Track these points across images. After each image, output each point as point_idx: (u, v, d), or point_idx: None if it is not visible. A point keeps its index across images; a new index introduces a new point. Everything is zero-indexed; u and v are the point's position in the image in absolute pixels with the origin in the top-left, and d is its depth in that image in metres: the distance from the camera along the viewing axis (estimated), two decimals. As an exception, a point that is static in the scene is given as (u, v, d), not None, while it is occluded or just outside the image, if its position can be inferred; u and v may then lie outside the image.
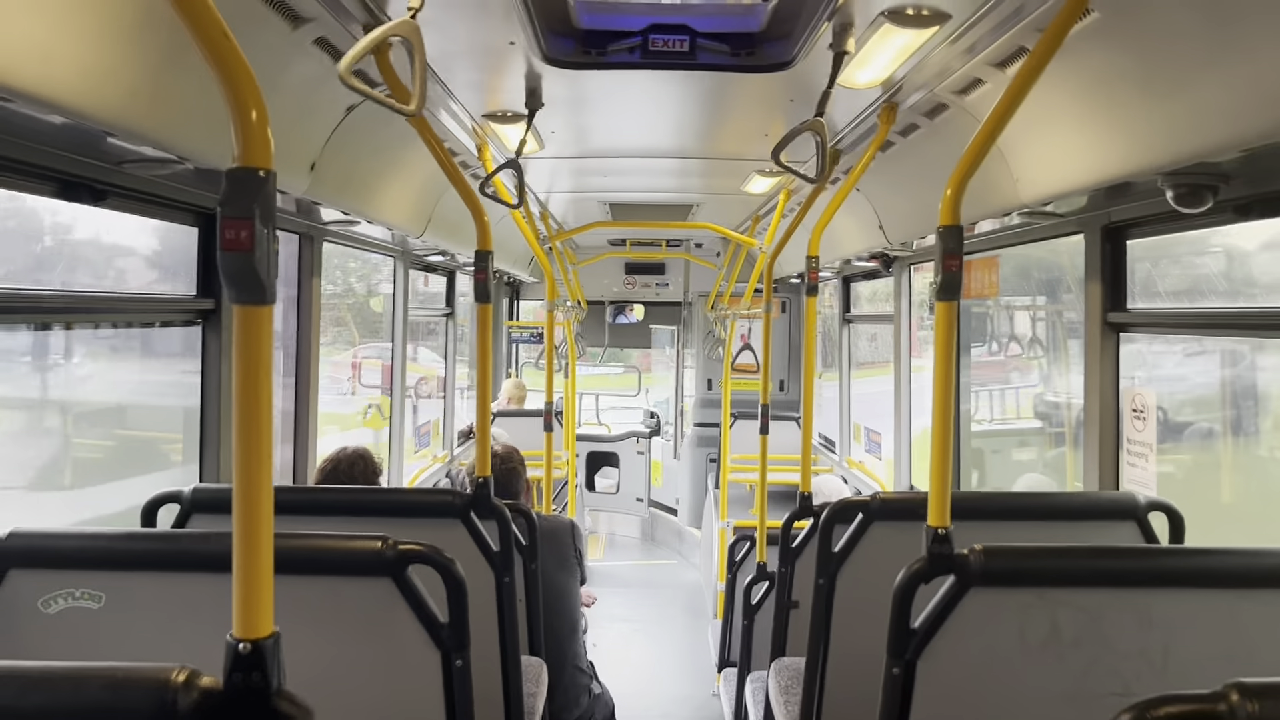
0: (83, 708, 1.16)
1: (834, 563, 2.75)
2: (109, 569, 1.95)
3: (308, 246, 4.43)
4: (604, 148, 4.77)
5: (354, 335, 8.88)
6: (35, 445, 3.63)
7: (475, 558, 2.66)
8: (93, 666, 1.18)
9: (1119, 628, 1.85)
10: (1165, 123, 2.37)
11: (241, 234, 1.15)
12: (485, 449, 2.87)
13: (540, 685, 3.13)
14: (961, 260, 1.92)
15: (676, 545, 10.42)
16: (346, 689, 1.98)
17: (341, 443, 3.59)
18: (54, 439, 3.72)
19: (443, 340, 7.67)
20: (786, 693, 3.19)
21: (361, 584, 1.96)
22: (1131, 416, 3.33)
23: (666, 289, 10.56)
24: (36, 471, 3.58)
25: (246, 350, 1.20)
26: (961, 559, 1.86)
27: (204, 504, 2.60)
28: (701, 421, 10.10)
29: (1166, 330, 3.55)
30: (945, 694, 1.89)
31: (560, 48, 2.95)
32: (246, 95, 1.18)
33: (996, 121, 1.93)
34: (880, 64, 2.93)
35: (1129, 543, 2.60)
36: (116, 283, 3.75)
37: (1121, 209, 3.29)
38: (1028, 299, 5.83)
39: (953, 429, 2.05)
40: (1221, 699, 1.09)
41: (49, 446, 3.69)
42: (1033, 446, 6.10)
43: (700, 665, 6.87)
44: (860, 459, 7.49)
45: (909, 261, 5.87)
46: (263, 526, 1.21)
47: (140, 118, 2.22)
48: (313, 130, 3.26)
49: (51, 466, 3.66)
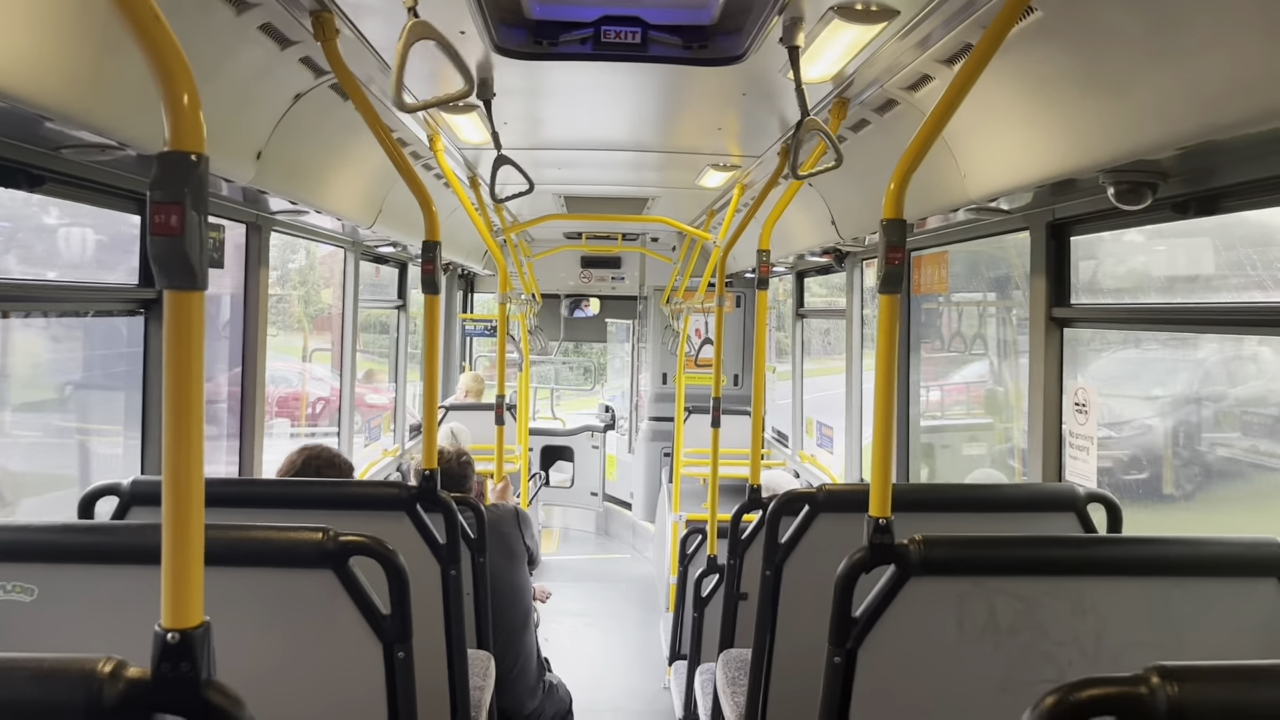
0: (9, 699, 1.13)
1: (780, 554, 2.77)
2: (42, 561, 1.91)
3: (255, 236, 4.36)
4: (558, 139, 4.75)
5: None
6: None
7: (422, 551, 2.65)
8: (17, 657, 1.15)
9: (1054, 615, 1.89)
10: (1106, 121, 2.42)
11: (172, 218, 1.13)
12: (432, 442, 2.85)
13: (488, 678, 3.12)
14: (904, 253, 1.95)
15: (630, 539, 10.44)
16: (287, 681, 1.96)
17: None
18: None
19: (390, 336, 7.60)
20: (734, 684, 3.21)
21: (303, 576, 1.93)
22: (1074, 410, 3.39)
23: (622, 283, 10.55)
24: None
25: (177, 336, 1.18)
26: (901, 549, 1.89)
27: (143, 497, 2.55)
28: (656, 415, 10.13)
29: (1108, 325, 3.63)
30: (885, 682, 1.92)
31: (511, 38, 2.93)
32: (178, 77, 1.15)
33: (940, 115, 1.95)
34: (830, 59, 2.95)
35: (1068, 533, 2.65)
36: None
37: (1066, 205, 3.35)
38: (979, 295, 5.91)
39: (894, 421, 2.08)
40: (1143, 682, 1.12)
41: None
42: (983, 442, 6.20)
43: (652, 658, 6.89)
44: (813, 453, 7.55)
45: (861, 257, 5.93)
46: (192, 513, 1.19)
47: (79, 102, 2.17)
48: (259, 118, 3.21)
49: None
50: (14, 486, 3.65)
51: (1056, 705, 1.15)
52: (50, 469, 4.00)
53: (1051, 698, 1.16)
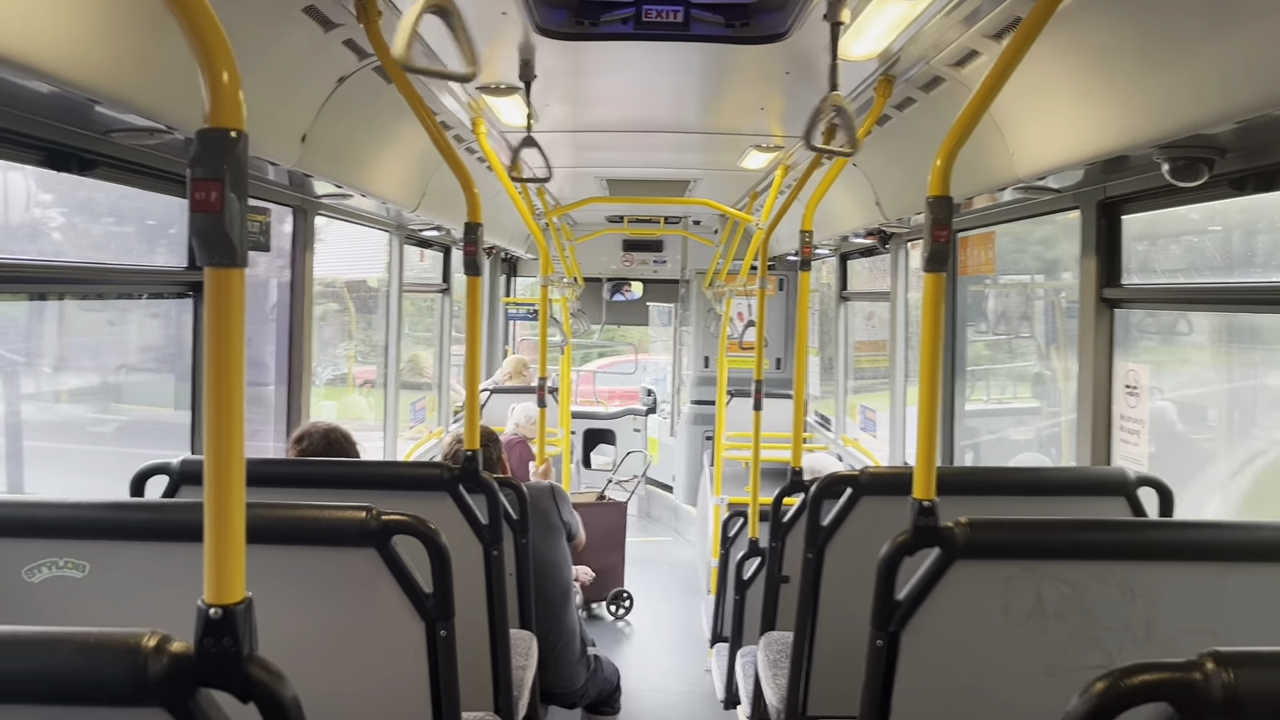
0: (55, 672, 1.16)
1: (822, 536, 2.75)
2: (93, 538, 1.95)
3: (301, 219, 4.41)
4: (600, 121, 4.73)
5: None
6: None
7: (465, 531, 2.67)
8: (66, 631, 1.17)
9: (1103, 600, 1.85)
10: (1162, 95, 2.35)
11: (211, 195, 1.13)
12: (474, 423, 2.87)
13: (530, 658, 3.14)
14: (950, 231, 1.91)
15: (672, 522, 10.44)
16: (330, 657, 1.99)
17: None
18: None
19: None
20: (775, 666, 3.20)
21: (346, 554, 1.95)
22: (1125, 393, 3.32)
23: (664, 266, 10.53)
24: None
25: (217, 313, 1.18)
26: (946, 531, 1.86)
27: (192, 476, 2.59)
28: (698, 399, 10.10)
29: (1161, 306, 3.54)
30: (929, 665, 1.89)
31: (553, 18, 2.92)
32: (217, 54, 1.16)
33: (988, 91, 1.91)
34: (875, 35, 2.90)
35: (1117, 517, 2.60)
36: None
37: (1117, 183, 3.27)
38: (1026, 277, 5.80)
39: (939, 402, 2.04)
40: (1197, 668, 1.08)
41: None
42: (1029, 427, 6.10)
43: (693, 641, 6.90)
44: (855, 437, 7.49)
45: (906, 238, 5.85)
46: (234, 488, 1.20)
47: (128, 86, 2.20)
48: (303, 101, 3.23)
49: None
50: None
51: (1107, 691, 1.13)
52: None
53: (1101, 683, 1.13)
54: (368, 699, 2.02)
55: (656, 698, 6.02)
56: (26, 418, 3.48)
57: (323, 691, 1.68)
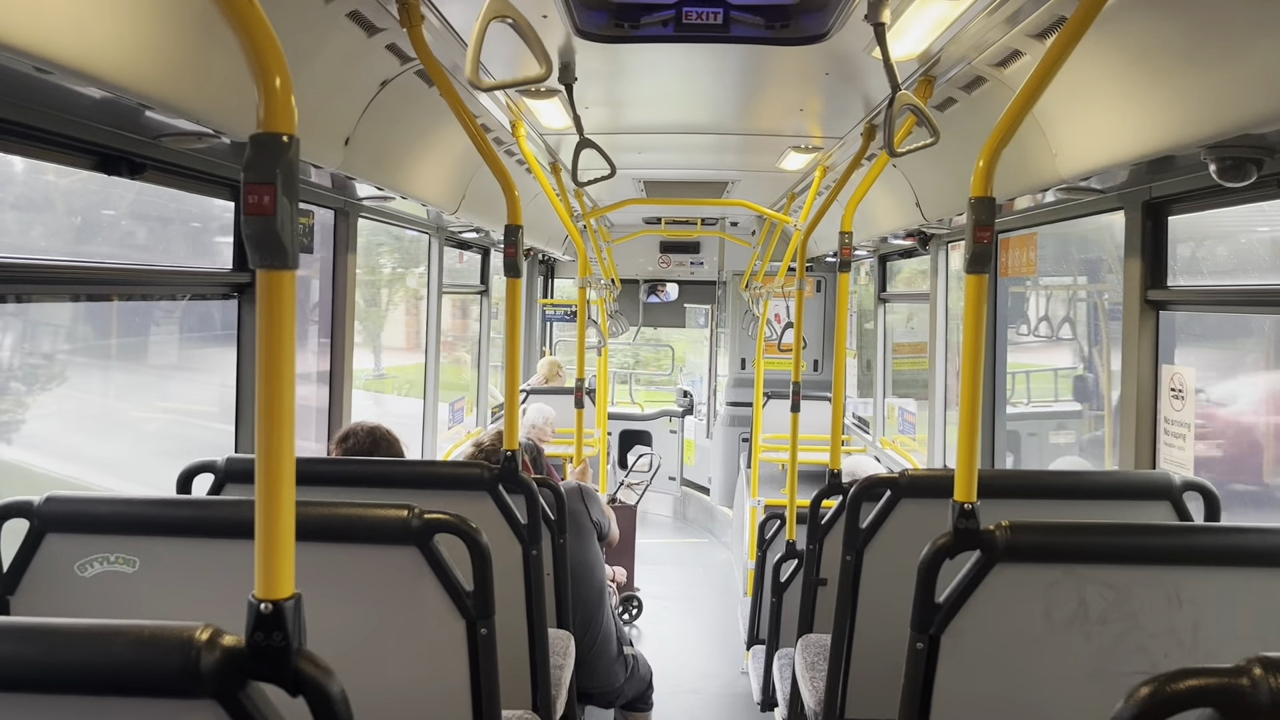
0: (110, 664, 1.18)
1: (861, 539, 2.74)
2: (143, 534, 1.99)
3: (343, 222, 4.47)
4: (638, 124, 4.74)
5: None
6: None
7: (503, 531, 2.69)
8: (120, 624, 1.20)
9: (1148, 606, 1.83)
10: (1209, 93, 2.32)
11: (264, 198, 1.16)
12: (514, 423, 2.89)
13: (568, 657, 3.16)
14: (993, 232, 1.90)
15: (708, 524, 10.43)
16: (374, 653, 2.01)
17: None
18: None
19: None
20: (812, 669, 3.19)
21: (389, 552, 1.98)
22: (1170, 396, 3.27)
23: (701, 268, 10.52)
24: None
25: (269, 314, 1.21)
26: (987, 534, 1.85)
27: (238, 474, 2.64)
28: (734, 401, 10.09)
29: (1208, 308, 3.49)
30: (969, 669, 1.88)
31: (592, 20, 2.93)
32: (270, 60, 1.18)
33: (1032, 91, 1.90)
34: (917, 35, 2.88)
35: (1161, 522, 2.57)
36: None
37: (1163, 184, 3.22)
38: (1069, 279, 5.73)
39: (980, 404, 2.03)
40: (1244, 673, 1.07)
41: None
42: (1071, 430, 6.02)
43: (730, 643, 6.89)
44: (894, 439, 7.44)
45: (946, 240, 5.80)
46: (284, 487, 1.23)
47: (177, 91, 2.25)
48: (346, 105, 3.27)
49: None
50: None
51: (1152, 696, 1.12)
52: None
53: (1147, 688, 1.12)
54: (410, 695, 2.05)
55: (692, 699, 6.02)
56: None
57: (367, 687, 1.70)
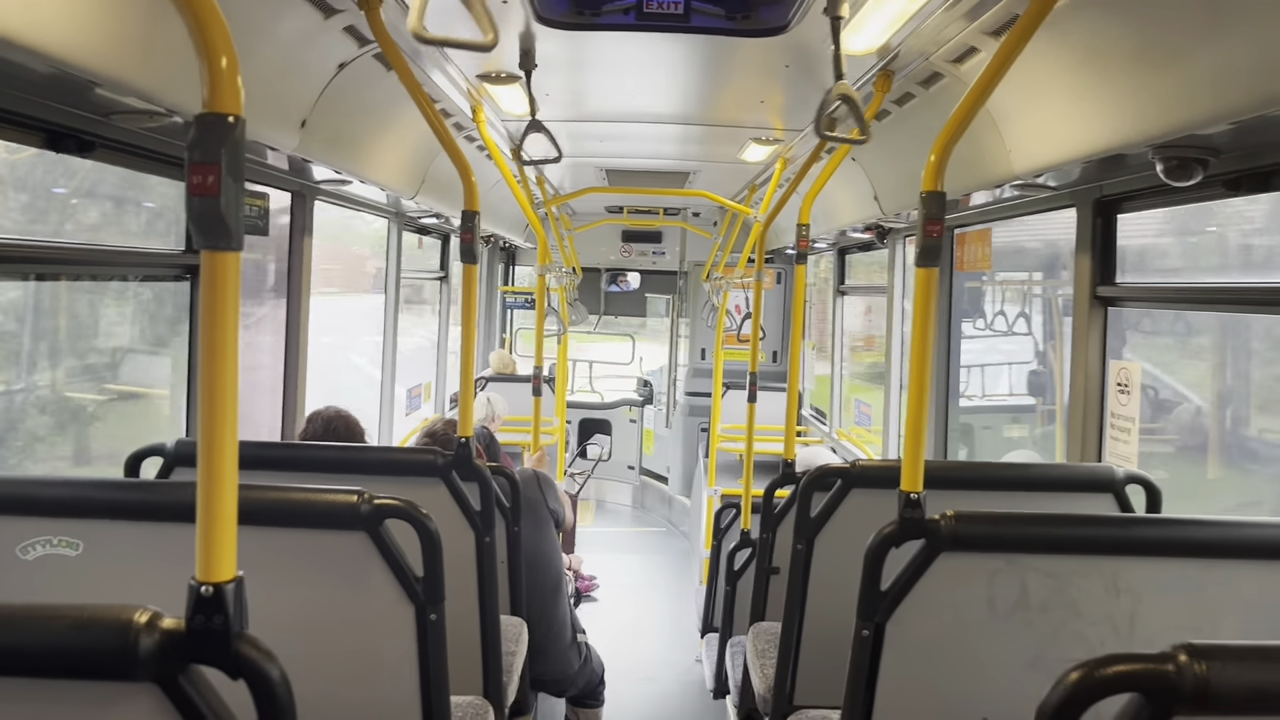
0: (48, 646, 1.17)
1: (811, 528, 2.77)
2: (87, 517, 1.96)
3: (300, 205, 4.42)
4: (600, 111, 4.74)
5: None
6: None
7: (457, 518, 2.68)
8: (58, 606, 1.19)
9: (1087, 594, 1.87)
10: (1156, 94, 2.36)
11: (209, 179, 1.15)
12: (468, 410, 2.88)
13: (520, 644, 3.16)
14: (943, 227, 1.93)
15: (666, 513, 10.48)
16: (321, 639, 2.00)
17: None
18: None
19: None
20: (763, 656, 3.22)
21: (338, 537, 1.97)
22: (1116, 391, 3.34)
23: (663, 257, 10.53)
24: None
25: (212, 296, 1.20)
26: (932, 523, 1.88)
27: (186, 458, 2.61)
28: (694, 391, 10.13)
29: (1155, 304, 3.56)
30: (914, 655, 1.91)
31: (553, 7, 2.92)
32: (216, 39, 1.17)
33: (984, 87, 1.92)
34: (875, 30, 2.90)
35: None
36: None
37: (1113, 182, 3.28)
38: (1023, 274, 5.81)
39: (929, 396, 2.06)
40: (1170, 660, 1.10)
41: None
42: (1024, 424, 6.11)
43: (685, 631, 6.93)
44: (850, 430, 7.51)
45: (904, 233, 5.86)
46: (225, 467, 1.22)
47: (126, 68, 2.20)
48: (303, 87, 3.23)
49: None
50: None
51: (1081, 680, 1.15)
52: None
53: (1076, 673, 1.15)
54: (357, 680, 2.04)
55: (648, 687, 6.05)
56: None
57: (312, 672, 1.69)
